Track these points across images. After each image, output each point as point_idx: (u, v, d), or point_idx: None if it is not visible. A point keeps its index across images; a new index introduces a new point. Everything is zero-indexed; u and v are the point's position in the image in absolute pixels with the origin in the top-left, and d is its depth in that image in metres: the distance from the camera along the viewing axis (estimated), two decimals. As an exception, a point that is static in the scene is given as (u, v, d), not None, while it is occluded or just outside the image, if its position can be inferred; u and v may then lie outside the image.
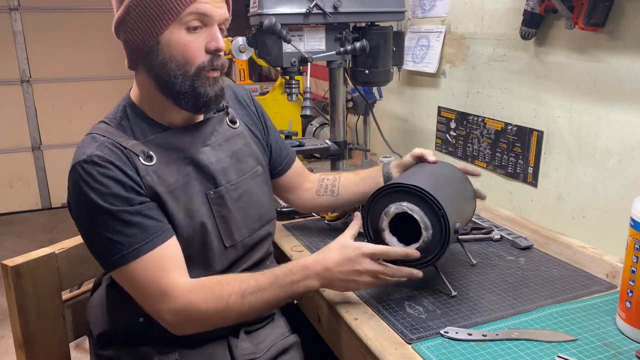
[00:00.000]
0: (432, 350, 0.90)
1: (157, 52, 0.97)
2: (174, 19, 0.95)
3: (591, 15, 1.20)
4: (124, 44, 1.01)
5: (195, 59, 0.98)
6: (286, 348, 1.15)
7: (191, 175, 1.05)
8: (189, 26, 0.96)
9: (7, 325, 2.56)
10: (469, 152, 1.73)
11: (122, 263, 0.95)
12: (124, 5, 0.98)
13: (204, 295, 0.97)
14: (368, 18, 1.51)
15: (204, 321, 0.99)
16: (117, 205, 0.95)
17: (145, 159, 1.00)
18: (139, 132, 1.03)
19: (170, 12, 0.95)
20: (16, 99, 4.10)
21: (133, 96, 1.07)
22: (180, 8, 0.95)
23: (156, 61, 0.98)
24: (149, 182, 0.99)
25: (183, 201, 1.03)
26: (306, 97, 1.40)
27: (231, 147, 1.13)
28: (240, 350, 1.10)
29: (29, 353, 1.16)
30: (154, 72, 1.00)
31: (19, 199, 4.26)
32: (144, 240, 0.96)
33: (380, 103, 2.08)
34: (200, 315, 0.97)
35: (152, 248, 0.96)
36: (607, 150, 1.27)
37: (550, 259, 1.24)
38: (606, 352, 0.89)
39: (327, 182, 1.32)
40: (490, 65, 1.61)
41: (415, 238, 1.03)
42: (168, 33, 0.96)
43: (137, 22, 0.97)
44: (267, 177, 1.21)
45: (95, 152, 0.96)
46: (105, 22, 4.53)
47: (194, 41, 0.97)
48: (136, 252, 0.95)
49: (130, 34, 0.98)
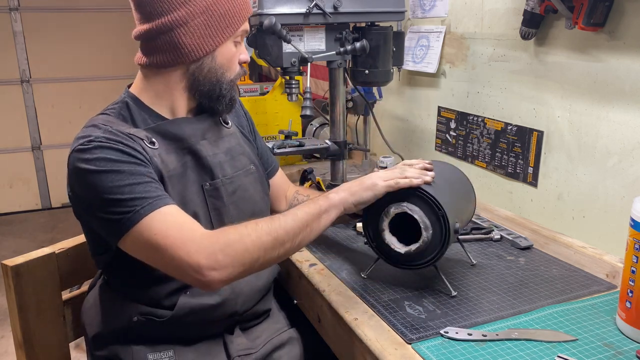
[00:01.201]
0: (432, 350, 0.90)
1: (210, 59, 1.05)
2: (233, 33, 1.06)
3: (591, 15, 1.20)
4: (171, 45, 1.02)
5: (236, 69, 1.11)
6: (283, 343, 1.16)
7: (188, 165, 1.07)
8: (237, 40, 1.09)
9: (7, 325, 2.56)
10: (469, 152, 1.73)
11: (137, 219, 0.90)
12: (187, 9, 1.00)
13: (229, 229, 0.93)
14: (368, 18, 1.51)
15: (240, 251, 0.90)
16: (128, 165, 0.94)
17: (149, 144, 1.02)
18: (140, 120, 1.06)
19: (232, 26, 1.06)
20: (16, 99, 4.10)
21: (135, 91, 1.09)
22: (239, 24, 1.07)
23: (206, 67, 1.06)
24: (156, 163, 1.01)
25: (178, 189, 1.04)
26: (306, 97, 1.40)
27: (225, 144, 1.16)
28: (235, 346, 1.10)
29: (29, 353, 1.16)
30: (196, 76, 1.06)
31: (19, 199, 4.26)
32: (158, 197, 0.93)
33: (380, 103, 2.08)
34: (234, 241, 0.90)
35: (164, 204, 0.93)
36: (607, 150, 1.27)
37: (550, 259, 1.24)
38: (606, 352, 0.89)
39: (297, 202, 1.31)
40: (490, 65, 1.61)
41: (415, 238, 1.03)
42: (223, 45, 1.06)
43: (201, 30, 1.02)
44: (260, 176, 1.22)
45: (99, 135, 0.96)
46: (106, 22, 4.55)
47: (236, 53, 1.10)
48: (150, 207, 0.91)
49: (190, 38, 1.02)
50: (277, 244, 0.94)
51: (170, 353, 1.06)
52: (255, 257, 0.92)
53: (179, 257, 0.89)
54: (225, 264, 0.89)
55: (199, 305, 1.06)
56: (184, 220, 0.94)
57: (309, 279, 1.18)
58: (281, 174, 1.37)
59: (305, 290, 1.23)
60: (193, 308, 1.06)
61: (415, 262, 1.06)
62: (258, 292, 1.16)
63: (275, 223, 0.95)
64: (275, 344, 1.15)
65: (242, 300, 1.12)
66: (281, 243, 0.94)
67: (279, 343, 1.15)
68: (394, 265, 1.09)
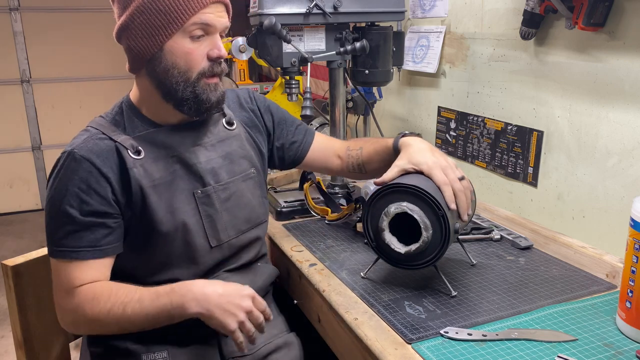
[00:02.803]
0: (432, 350, 0.90)
1: (160, 59, 1.00)
2: (178, 28, 0.98)
3: (591, 15, 1.20)
4: (126, 50, 1.03)
5: (197, 66, 1.01)
6: (280, 346, 1.15)
7: (177, 174, 1.07)
8: (193, 35, 0.99)
9: (7, 325, 2.56)
10: (469, 152, 1.73)
11: (50, 254, 1.03)
12: (128, 12, 0.99)
13: (92, 301, 1.00)
14: (368, 18, 1.51)
15: (90, 324, 1.02)
16: (71, 205, 0.99)
17: (134, 153, 1.03)
18: (130, 127, 1.06)
19: (175, 22, 0.97)
20: (16, 99, 4.10)
21: (132, 96, 1.10)
22: (184, 18, 0.97)
23: (159, 68, 1.01)
24: (135, 174, 1.02)
25: (165, 197, 1.05)
26: (306, 97, 1.40)
27: (225, 148, 1.15)
28: (229, 348, 1.10)
29: (29, 353, 1.16)
30: (156, 78, 1.02)
31: (19, 199, 4.26)
32: (75, 248, 1.00)
33: (380, 103, 2.08)
34: (86, 319, 1.01)
35: (77, 258, 1.01)
36: (607, 150, 1.27)
37: (550, 259, 1.24)
38: (606, 352, 0.89)
39: (353, 159, 1.29)
40: (490, 65, 1.61)
41: (415, 238, 1.03)
42: (171, 41, 0.99)
43: (141, 30, 0.99)
44: (261, 180, 1.22)
45: (79, 145, 1.02)
46: (105, 22, 4.53)
47: (197, 49, 1.00)
48: (62, 254, 1.01)
49: (134, 40, 1.00)
50: (120, 328, 1.02)
51: (164, 354, 1.06)
52: (98, 330, 1.05)
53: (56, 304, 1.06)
54: (78, 329, 1.07)
55: None
56: (77, 279, 1.01)
57: (309, 279, 1.18)
58: (321, 141, 1.33)
59: (305, 290, 1.23)
60: None
61: (415, 262, 1.06)
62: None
63: (129, 315, 0.99)
64: (272, 347, 1.14)
65: None
66: (124, 328, 1.02)
67: (275, 347, 1.15)
68: (394, 265, 1.09)
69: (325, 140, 1.35)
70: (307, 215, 1.51)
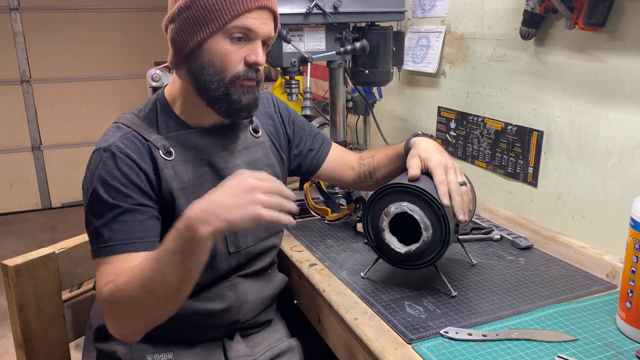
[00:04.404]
0: (432, 350, 0.90)
1: (199, 55, 1.01)
2: (219, 28, 0.99)
3: (591, 15, 1.20)
4: (170, 42, 1.04)
5: (232, 68, 1.01)
6: (283, 351, 1.15)
7: (205, 177, 1.07)
8: (233, 37, 1.00)
9: (7, 325, 2.56)
10: (469, 152, 1.73)
11: (97, 254, 0.98)
12: (177, 5, 1.00)
13: (124, 286, 0.93)
14: (368, 18, 1.51)
15: (130, 310, 0.93)
16: (115, 199, 0.97)
17: (165, 154, 1.03)
18: (163, 127, 1.06)
19: (216, 21, 0.98)
20: (16, 99, 4.09)
21: (167, 93, 1.10)
22: (226, 19, 0.98)
23: (196, 64, 1.01)
24: (166, 175, 1.02)
25: (192, 200, 1.02)
26: (306, 97, 1.40)
27: (250, 155, 1.15)
28: (234, 352, 1.10)
29: (29, 353, 1.16)
30: (193, 74, 1.03)
31: (19, 199, 4.26)
32: (123, 241, 0.97)
33: (380, 103, 2.08)
34: (125, 308, 0.93)
35: (124, 251, 0.97)
36: (607, 150, 1.27)
37: (550, 259, 1.24)
38: (606, 352, 0.89)
39: (365, 167, 1.29)
40: (490, 65, 1.61)
41: (415, 238, 1.03)
42: (212, 40, 1.00)
43: (185, 25, 1.00)
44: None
45: (116, 142, 1.00)
46: (105, 22, 4.54)
47: (235, 52, 1.00)
48: (110, 249, 0.96)
49: (177, 34, 1.01)
50: (157, 301, 0.91)
51: (169, 355, 1.06)
52: (138, 315, 0.94)
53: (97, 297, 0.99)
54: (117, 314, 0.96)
55: (203, 309, 1.06)
56: (121, 273, 0.94)
57: (309, 279, 1.18)
58: (336, 152, 1.33)
59: (305, 290, 1.23)
60: (197, 311, 1.06)
61: (415, 262, 1.06)
62: (262, 303, 1.16)
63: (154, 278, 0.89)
64: (275, 353, 1.14)
65: (247, 308, 1.12)
66: (159, 298, 0.91)
67: (278, 352, 1.15)
68: (394, 265, 1.09)
69: (340, 151, 1.35)
70: (307, 215, 1.51)
